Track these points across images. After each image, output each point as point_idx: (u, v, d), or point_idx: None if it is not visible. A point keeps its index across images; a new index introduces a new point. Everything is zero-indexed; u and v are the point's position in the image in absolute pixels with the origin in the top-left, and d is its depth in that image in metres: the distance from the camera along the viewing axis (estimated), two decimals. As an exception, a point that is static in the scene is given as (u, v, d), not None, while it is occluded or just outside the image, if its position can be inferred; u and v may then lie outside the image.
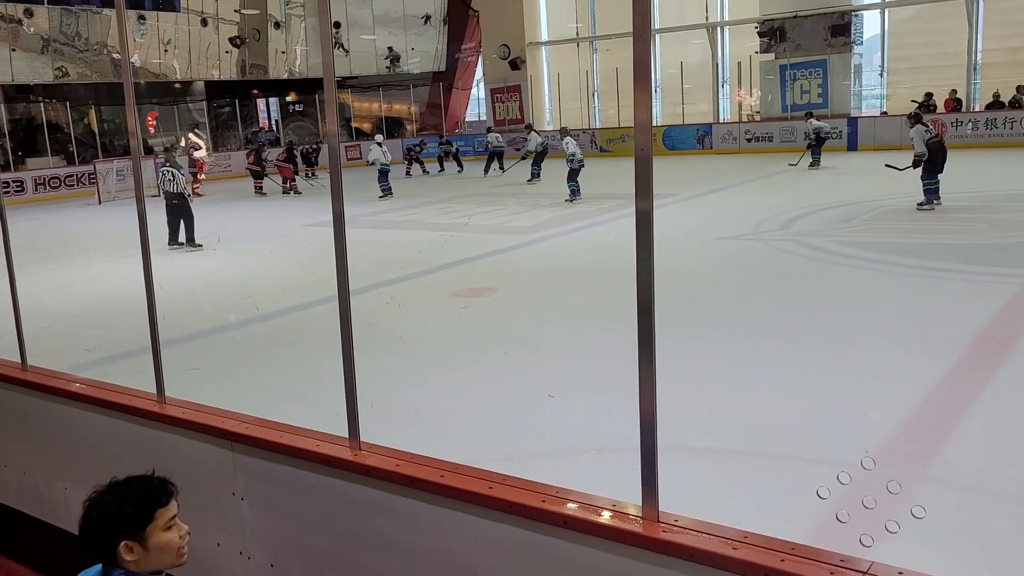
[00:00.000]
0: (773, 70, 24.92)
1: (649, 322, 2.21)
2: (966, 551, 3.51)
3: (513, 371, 6.39)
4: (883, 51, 25.64)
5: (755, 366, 6.14)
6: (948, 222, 11.84)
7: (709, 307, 8.00)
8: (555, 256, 11.36)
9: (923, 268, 9.09)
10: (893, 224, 11.90)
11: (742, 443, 4.82)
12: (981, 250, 9.80)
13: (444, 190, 20.64)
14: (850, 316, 7.36)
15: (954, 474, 4.28)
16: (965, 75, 23.67)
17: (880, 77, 25.89)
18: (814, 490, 2.50)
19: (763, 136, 24.31)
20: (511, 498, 2.45)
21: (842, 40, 23.96)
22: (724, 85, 27.49)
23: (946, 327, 6.71)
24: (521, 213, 15.76)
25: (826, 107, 23.96)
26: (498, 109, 31.01)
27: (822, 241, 10.81)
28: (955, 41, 23.80)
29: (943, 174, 12.81)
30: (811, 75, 24.47)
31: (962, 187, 14.17)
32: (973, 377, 5.65)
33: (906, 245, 10.38)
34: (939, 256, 9.61)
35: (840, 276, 9.09)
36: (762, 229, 11.98)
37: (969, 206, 12.87)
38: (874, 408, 5.14)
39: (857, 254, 10.01)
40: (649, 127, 2.19)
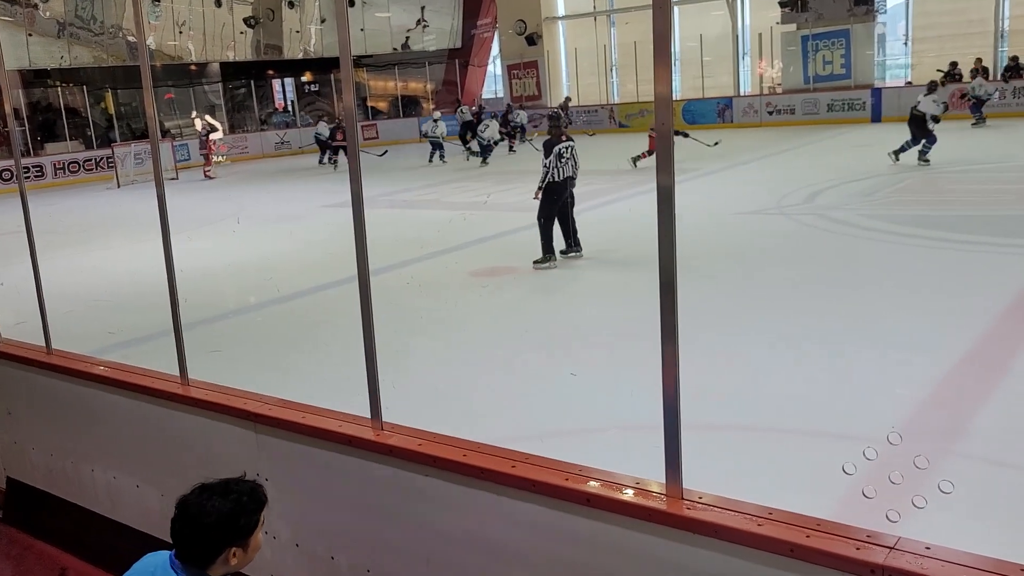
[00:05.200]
0: (795, 41, 24.52)
1: (671, 299, 2.19)
2: (993, 525, 3.47)
3: (535, 350, 6.38)
4: (907, 19, 25.15)
5: (779, 341, 6.09)
6: (976, 193, 11.66)
7: (733, 283, 7.94)
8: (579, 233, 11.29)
9: (949, 240, 8.96)
10: (917, 196, 11.74)
11: (767, 419, 4.79)
12: (1010, 221, 9.64)
13: (464, 168, 20.58)
14: (875, 290, 7.27)
15: (981, 448, 4.23)
16: (992, 42, 23.20)
17: (904, 46, 25.43)
18: (839, 466, 2.47)
19: (785, 109, 24.00)
20: (534, 476, 2.45)
21: (865, 9, 23.51)
22: (745, 57, 27.11)
23: (973, 300, 6.62)
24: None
25: (849, 78, 23.58)
26: (515, 86, 30.80)
27: (846, 215, 10.68)
28: (981, 7, 23.32)
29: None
30: (834, 45, 24.05)
31: (991, 156, 13.94)
32: (1001, 351, 5.58)
33: (931, 217, 10.23)
34: (966, 228, 9.46)
35: (864, 250, 8.98)
36: (785, 203, 11.85)
37: (999, 176, 12.65)
38: (900, 382, 5.09)
39: (881, 227, 9.88)
40: (670, 101, 2.16)
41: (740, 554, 2.02)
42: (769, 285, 7.79)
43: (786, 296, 7.33)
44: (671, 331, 2.18)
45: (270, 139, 28.18)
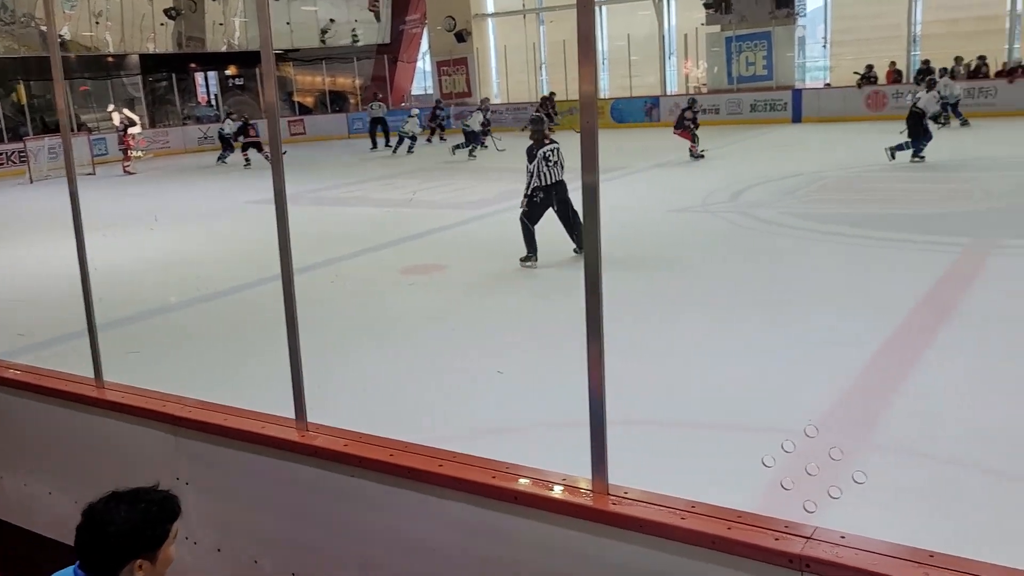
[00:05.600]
0: (719, 42, 25.03)
1: (597, 298, 2.20)
2: (907, 513, 3.61)
3: (462, 348, 6.37)
4: (826, 23, 25.93)
5: (704, 337, 6.21)
6: (891, 192, 12.08)
7: (659, 279, 8.06)
8: (505, 230, 11.30)
9: (866, 237, 9.27)
10: (837, 195, 12.11)
11: (692, 414, 4.87)
12: (923, 219, 10.02)
13: (393, 165, 20.42)
14: (796, 285, 7.48)
15: (895, 438, 4.38)
16: (905, 47, 24.08)
17: (823, 49, 26.21)
18: (760, 459, 2.53)
19: (710, 108, 24.45)
20: (462, 475, 2.44)
21: (786, 12, 24.15)
22: (671, 57, 27.57)
23: (889, 294, 6.86)
24: (472, 187, 15.67)
25: (771, 79, 24.19)
26: (445, 82, 30.69)
27: (769, 212, 10.95)
28: (896, 13, 24.18)
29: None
30: (756, 47, 24.63)
31: (904, 157, 14.45)
32: (914, 343, 5.79)
33: (850, 215, 10.57)
34: (882, 225, 9.80)
35: (787, 246, 9.22)
36: (711, 201, 12.09)
37: (912, 176, 13.14)
38: (819, 375, 5.24)
39: (803, 224, 10.16)
40: (594, 100, 2.17)
41: (664, 547, 2.05)
42: (695, 281, 7.94)
43: (712, 292, 7.48)
44: (597, 329, 2.20)
45: (192, 134, 27.44)
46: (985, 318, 6.16)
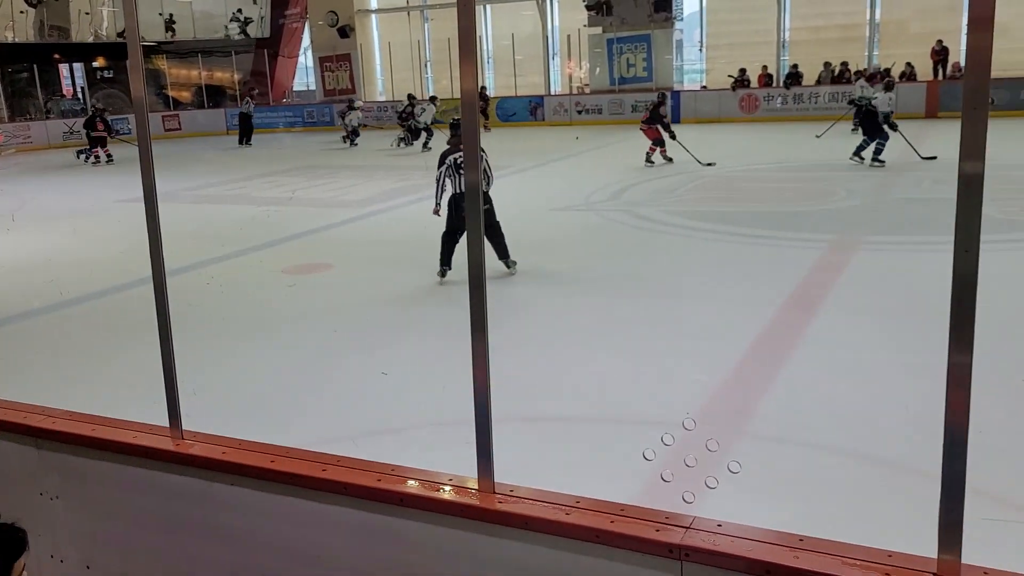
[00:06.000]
0: (601, 43, 25.54)
1: (481, 295, 2.20)
2: (780, 499, 3.77)
3: (346, 349, 6.26)
4: (702, 27, 26.88)
5: (587, 333, 6.32)
6: (763, 191, 12.61)
7: (543, 277, 8.15)
8: (390, 229, 11.23)
9: (741, 234, 9.65)
10: (713, 193, 12.55)
11: (577, 409, 4.95)
12: (792, 216, 10.51)
13: (278, 161, 19.90)
14: (676, 281, 7.71)
15: (768, 428, 4.58)
16: (776, 52, 25.21)
17: (700, 52, 27.16)
18: (642, 452, 2.60)
19: (593, 108, 24.94)
20: (346, 479, 2.39)
21: (664, 15, 24.86)
22: (555, 57, 27.95)
23: (761, 290, 7.15)
24: (355, 185, 15.45)
25: (651, 80, 24.85)
26: (327, 79, 30.15)
27: (649, 210, 11.25)
28: (766, 19, 25.29)
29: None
30: (636, 49, 25.27)
31: (775, 157, 15.15)
32: (785, 336, 6.07)
33: (725, 213, 10.98)
34: (755, 223, 10.23)
35: (667, 244, 9.50)
36: (593, 200, 12.32)
37: (780, 176, 13.76)
38: (698, 369, 5.42)
39: (681, 223, 10.49)
40: (476, 98, 2.17)
41: (550, 543, 2.07)
42: (578, 278, 8.07)
43: (594, 288, 7.62)
44: (481, 325, 2.20)
45: (56, 128, 25.93)
46: (850, 311, 6.50)
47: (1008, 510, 3.53)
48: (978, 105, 1.61)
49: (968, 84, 1.61)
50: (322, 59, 30.12)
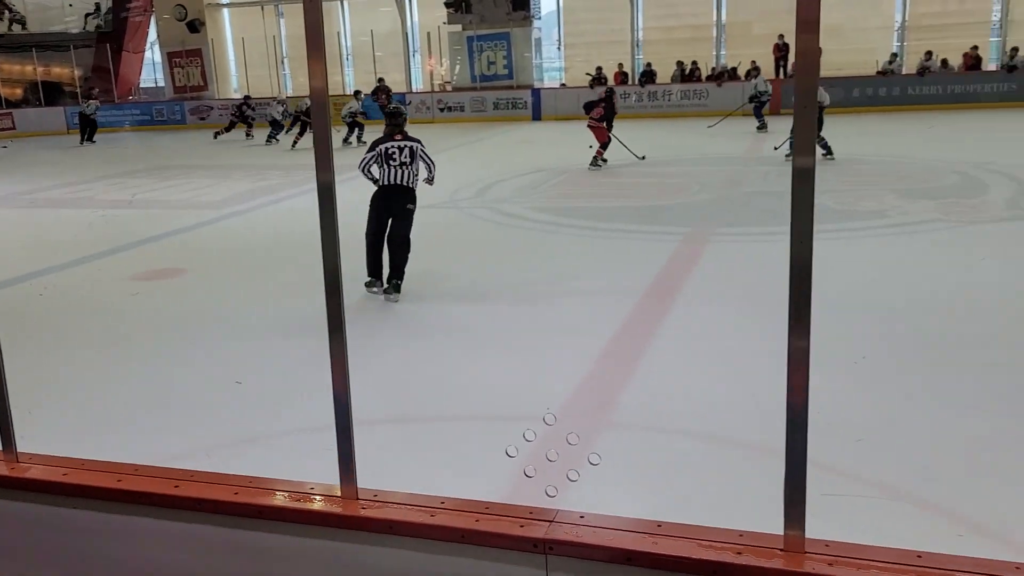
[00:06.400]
0: (461, 41, 25.60)
1: (338, 297, 2.15)
2: (643, 486, 3.88)
3: (199, 358, 5.98)
4: (559, 26, 27.39)
5: (452, 331, 6.31)
6: (622, 186, 12.97)
7: (406, 276, 8.08)
8: (248, 232, 10.86)
9: (602, 229, 9.89)
10: (575, 189, 12.81)
11: (441, 408, 4.93)
12: (650, 210, 10.86)
13: (126, 162, 18.86)
14: (540, 277, 7.81)
15: (631, 417, 4.70)
16: (630, 51, 26.01)
17: (558, 51, 27.68)
18: (505, 449, 2.61)
19: (455, 106, 24.97)
20: (201, 495, 2.29)
21: (522, 14, 25.18)
22: (415, 55, 27.81)
23: (622, 283, 7.35)
24: (213, 185, 14.86)
25: (511, 78, 25.12)
26: (177, 75, 28.86)
27: (514, 207, 11.36)
28: (620, 19, 26.05)
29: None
30: (496, 47, 25.47)
31: (629, 154, 15.55)
32: (645, 326, 6.26)
33: (587, 208, 11.22)
34: (615, 217, 10.50)
35: (530, 239, 9.62)
36: (458, 197, 12.33)
37: (639, 171, 14.19)
38: (562, 362, 5.51)
39: (546, 219, 10.64)
40: (326, 97, 2.11)
41: (415, 546, 2.04)
42: (442, 277, 8.06)
43: (458, 287, 7.63)
44: (338, 327, 2.15)
45: None
46: (705, 300, 6.78)
47: (851, 484, 3.77)
48: (808, 104, 1.70)
49: (799, 84, 1.70)
50: (171, 54, 28.81)
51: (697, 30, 25.76)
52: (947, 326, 5.89)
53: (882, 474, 3.85)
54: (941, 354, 5.40)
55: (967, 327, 5.86)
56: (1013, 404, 4.57)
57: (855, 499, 3.61)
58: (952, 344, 5.55)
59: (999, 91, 20.80)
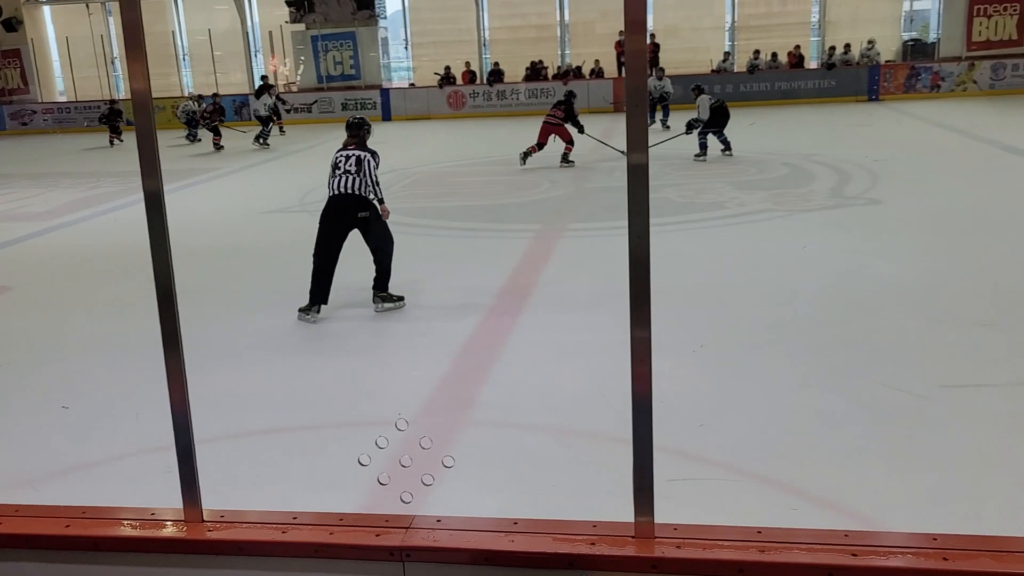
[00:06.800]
0: (305, 40, 25.01)
1: (171, 310, 2.03)
2: (502, 483, 3.89)
3: (20, 384, 5.54)
4: (406, 25, 27.23)
5: (306, 339, 6.15)
6: (473, 185, 13.03)
7: (256, 283, 7.82)
8: (78, 244, 10.19)
9: (455, 228, 9.90)
10: (427, 189, 12.76)
11: (296, 419, 4.77)
12: (502, 209, 10.96)
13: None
14: (393, 279, 7.70)
15: (488, 415, 4.72)
16: (477, 50, 26.18)
17: (406, 50, 27.51)
18: (357, 458, 2.55)
19: (302, 107, 24.37)
20: (29, 530, 2.12)
21: (367, 13, 24.87)
22: (257, 54, 26.93)
23: (477, 281, 7.39)
24: (37, 196, 13.84)
25: (359, 78, 24.76)
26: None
27: (364, 209, 11.19)
28: (466, 19, 26.17)
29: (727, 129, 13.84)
30: (342, 46, 25.04)
31: (484, 152, 15.70)
32: (501, 324, 6.31)
33: (439, 208, 11.20)
34: (468, 216, 10.54)
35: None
36: (308, 200, 12.02)
37: (492, 169, 14.30)
38: (418, 365, 5.47)
39: (398, 220, 10.51)
40: (148, 99, 1.99)
41: (267, 566, 1.97)
42: (294, 283, 7.82)
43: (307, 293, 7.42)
44: (174, 342, 2.04)
45: None
46: (557, 295, 6.90)
47: (697, 466, 3.93)
48: (638, 103, 1.74)
49: (629, 84, 1.74)
50: (-14, 55, 26.64)
51: (542, 30, 26.23)
52: (780, 310, 6.25)
53: (726, 455, 4.04)
54: (775, 336, 5.71)
55: (798, 310, 6.24)
56: (842, 380, 4.90)
57: (702, 482, 3.77)
58: (785, 326, 5.89)
59: (819, 87, 22.32)
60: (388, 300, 6.67)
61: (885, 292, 6.48)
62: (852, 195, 10.40)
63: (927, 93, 21.88)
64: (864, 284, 6.73)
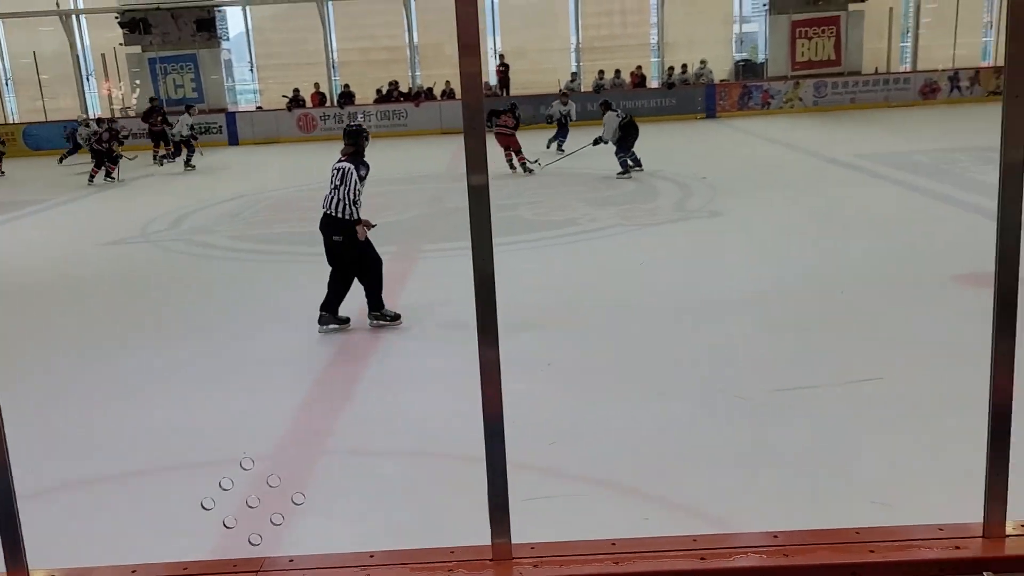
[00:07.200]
0: (142, 63, 23.93)
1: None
2: (358, 514, 3.79)
3: None
4: (250, 47, 26.52)
5: (148, 377, 5.81)
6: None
7: (93, 318, 7.37)
8: None
9: (310, 254, 9.64)
10: (277, 215, 12.43)
11: (139, 462, 4.49)
12: (383, 229, 10.76)
13: None
14: (245, 308, 7.47)
15: (343, 444, 4.60)
16: (326, 72, 25.80)
17: (252, 73, 26.77)
18: (215, 497, 2.42)
19: (139, 132, 23.21)
20: None
21: (207, 35, 24.09)
22: (90, 78, 25.51)
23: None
24: None
25: (203, 102, 23.89)
26: None
27: (213, 237, 10.79)
28: (314, 40, 25.76)
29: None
30: (183, 69, 24.13)
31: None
32: (359, 351, 6.20)
33: (289, 234, 10.91)
34: (320, 241, 10.28)
35: (233, 270, 9.19)
36: (151, 230, 11.47)
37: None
38: (271, 397, 5.28)
39: (248, 247, 10.21)
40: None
41: (101, 626, 1.83)
42: (137, 316, 7.43)
43: (154, 327, 7.06)
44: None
45: None
46: (415, 318, 6.84)
47: (554, 483, 3.97)
48: (476, 125, 1.75)
49: (465, 106, 1.74)
50: None
51: (392, 51, 26.17)
52: (628, 323, 6.42)
53: (582, 468, 4.10)
54: (623, 349, 5.88)
55: (646, 322, 6.43)
56: (688, 388, 5.08)
57: (560, 498, 3.80)
58: (634, 338, 6.07)
59: (661, 105, 23.33)
60: (382, 319, 6.51)
61: (727, 301, 6.80)
62: (694, 208, 10.90)
63: (759, 110, 23.29)
64: (707, 293, 7.04)
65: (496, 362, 1.82)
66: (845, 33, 23.85)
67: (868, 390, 4.85)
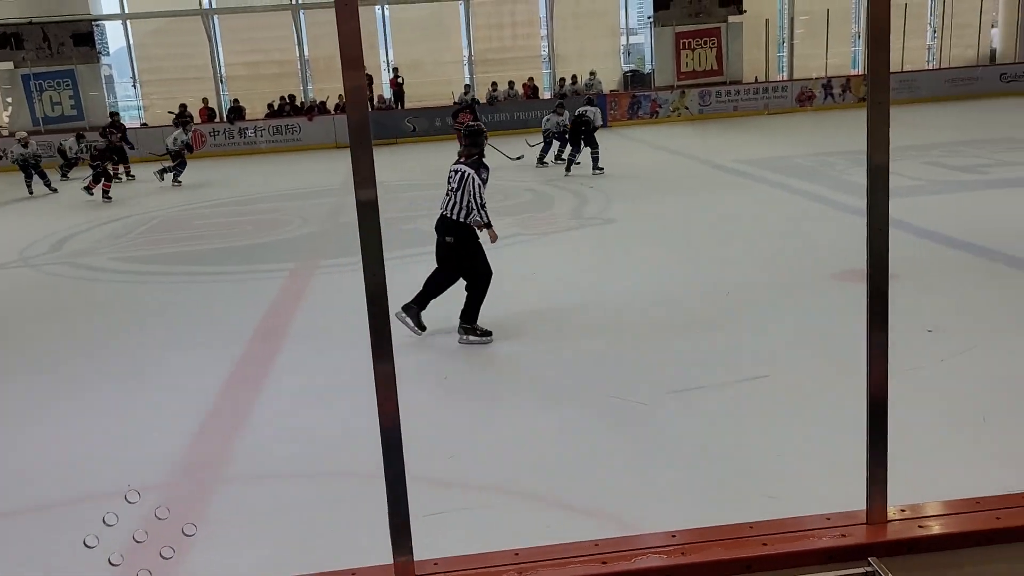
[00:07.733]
0: (14, 80, 22.76)
1: None
2: (259, 539, 3.66)
3: None
4: (132, 63, 25.56)
5: (32, 408, 5.51)
6: (219, 226, 12.41)
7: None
8: None
9: (201, 273, 9.38)
10: (167, 234, 11.99)
11: (22, 499, 4.25)
12: (252, 249, 10.53)
13: None
14: (135, 334, 7.16)
15: (243, 468, 4.46)
16: (215, 86, 25.11)
17: (134, 88, 25.80)
18: (99, 534, 2.31)
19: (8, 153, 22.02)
20: None
21: (86, 50, 23.11)
22: (-44, 96, 24.07)
23: (228, 327, 7.02)
24: None
25: (83, 119, 22.87)
26: None
27: (96, 260, 10.33)
28: (200, 55, 25.04)
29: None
30: (60, 86, 23.07)
31: (229, 192, 15.02)
32: (255, 371, 6.03)
33: (182, 253, 10.56)
34: (215, 260, 10.03)
35: (120, 294, 8.81)
36: (29, 254, 10.90)
37: (235, 210, 13.72)
38: (166, 424, 5.07)
39: (135, 268, 9.82)
40: None
41: None
42: (14, 347, 7.04)
43: (39, 356, 6.70)
44: None
45: None
46: (313, 335, 6.71)
47: (456, 496, 3.95)
48: (362, 139, 1.74)
49: (351, 119, 1.73)
50: None
51: (283, 65, 25.68)
52: (523, 332, 6.39)
53: (483, 479, 4.10)
54: (518, 358, 5.90)
55: (541, 331, 6.43)
56: (584, 394, 5.13)
57: (463, 511, 3.79)
58: (529, 347, 6.09)
59: (555, 116, 23.64)
60: (472, 333, 6.20)
61: (623, 306, 6.92)
62: (590, 216, 11.08)
63: (648, 119, 23.89)
64: (603, 299, 7.16)
65: (392, 376, 1.80)
66: (726, 44, 24.74)
67: (756, 387, 5.02)
